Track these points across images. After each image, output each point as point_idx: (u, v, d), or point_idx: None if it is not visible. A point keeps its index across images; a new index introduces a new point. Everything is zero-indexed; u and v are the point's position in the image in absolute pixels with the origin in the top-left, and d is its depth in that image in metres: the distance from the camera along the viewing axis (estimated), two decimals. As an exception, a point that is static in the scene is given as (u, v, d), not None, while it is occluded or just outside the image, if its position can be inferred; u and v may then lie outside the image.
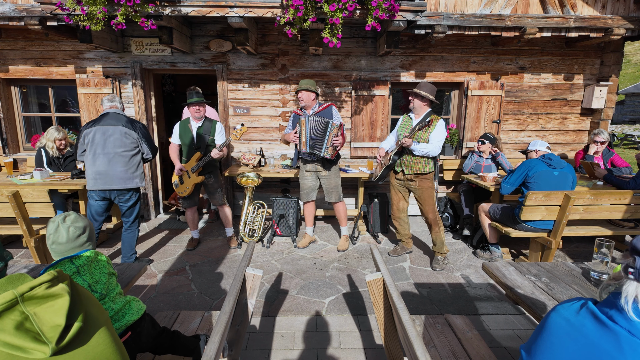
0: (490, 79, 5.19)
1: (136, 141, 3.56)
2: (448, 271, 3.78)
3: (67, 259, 1.61)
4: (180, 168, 4.03)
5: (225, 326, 1.35)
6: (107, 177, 3.47)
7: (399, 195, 3.91)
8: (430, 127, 3.57)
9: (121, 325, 1.63)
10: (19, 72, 5.03)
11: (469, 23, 4.45)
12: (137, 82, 4.99)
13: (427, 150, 3.53)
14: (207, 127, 4.02)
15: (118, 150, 3.47)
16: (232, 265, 3.91)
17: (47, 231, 1.63)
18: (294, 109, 4.19)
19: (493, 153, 4.55)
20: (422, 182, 3.70)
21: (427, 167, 3.65)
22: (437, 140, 3.56)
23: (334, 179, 4.11)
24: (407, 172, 3.72)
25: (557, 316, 0.99)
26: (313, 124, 3.79)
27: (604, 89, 5.05)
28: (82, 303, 0.99)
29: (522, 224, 3.57)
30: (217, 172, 4.19)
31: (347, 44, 5.00)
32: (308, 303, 3.16)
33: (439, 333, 2.05)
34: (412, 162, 3.66)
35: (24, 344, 0.83)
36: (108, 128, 3.45)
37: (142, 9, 3.72)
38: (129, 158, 3.53)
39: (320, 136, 3.80)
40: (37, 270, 2.08)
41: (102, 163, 3.45)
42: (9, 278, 0.93)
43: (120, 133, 3.46)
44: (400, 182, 3.85)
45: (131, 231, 3.72)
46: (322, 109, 3.92)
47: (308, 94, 3.84)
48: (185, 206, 4.22)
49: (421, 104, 3.60)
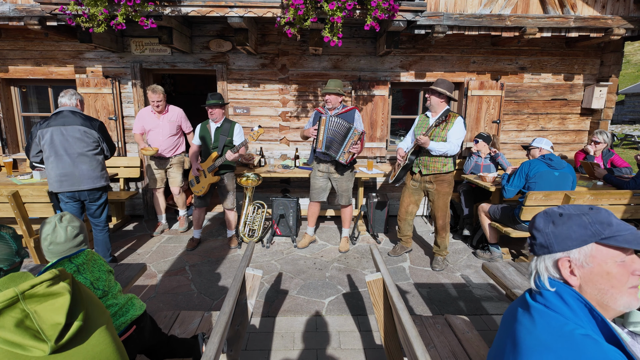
0: (490, 79, 5.19)
1: (97, 140, 3.43)
2: (448, 271, 3.78)
3: (65, 259, 1.61)
4: (197, 167, 4.08)
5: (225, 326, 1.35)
6: (74, 178, 3.34)
7: (412, 198, 3.80)
8: (448, 125, 3.46)
9: (126, 320, 1.66)
10: (18, 72, 5.03)
11: (468, 23, 4.45)
12: (137, 82, 4.99)
13: (445, 150, 3.40)
14: (226, 128, 4.02)
15: (81, 150, 3.34)
16: (231, 265, 3.91)
17: (43, 233, 1.61)
18: (317, 108, 4.14)
19: (492, 154, 4.54)
20: (440, 186, 3.59)
21: (445, 166, 3.53)
22: (456, 138, 3.42)
23: (345, 183, 4.06)
24: (424, 173, 3.61)
25: (506, 310, 1.10)
26: (333, 124, 3.73)
27: (603, 89, 5.06)
28: (83, 302, 0.99)
29: (522, 224, 3.57)
30: (232, 175, 4.19)
31: (347, 44, 5.00)
32: (308, 303, 3.16)
33: (438, 333, 2.05)
34: (430, 161, 3.55)
35: (23, 342, 0.83)
36: (66, 128, 3.29)
37: (142, 9, 3.72)
38: (92, 157, 3.42)
39: (338, 139, 3.74)
40: (37, 270, 2.08)
41: (66, 164, 3.31)
42: (11, 276, 0.93)
43: (80, 132, 3.32)
44: (416, 183, 3.73)
45: (105, 231, 3.64)
46: (346, 111, 3.87)
47: (336, 97, 3.79)
48: (196, 205, 4.27)
49: (438, 100, 3.49)
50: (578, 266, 0.95)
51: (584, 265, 0.94)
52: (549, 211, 1.03)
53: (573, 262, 0.95)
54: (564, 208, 1.01)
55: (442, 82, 3.48)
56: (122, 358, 1.07)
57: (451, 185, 3.66)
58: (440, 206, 3.66)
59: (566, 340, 0.84)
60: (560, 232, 0.97)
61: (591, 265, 0.93)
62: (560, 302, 0.94)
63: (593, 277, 0.94)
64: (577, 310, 0.91)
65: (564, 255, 0.96)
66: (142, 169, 5.17)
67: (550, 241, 0.98)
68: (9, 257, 1.35)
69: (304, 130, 4.07)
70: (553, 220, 0.99)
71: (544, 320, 0.92)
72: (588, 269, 0.94)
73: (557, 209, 1.01)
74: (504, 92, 5.20)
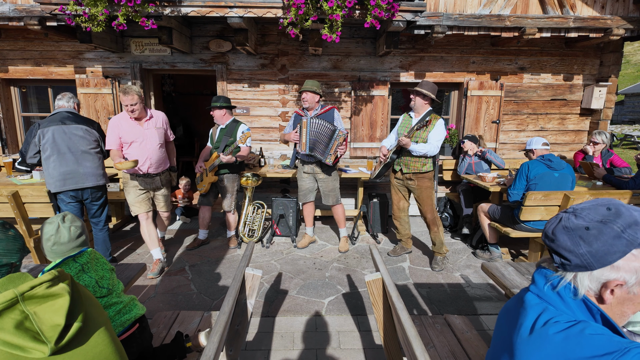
0: (489, 79, 5.20)
1: (98, 139, 3.46)
2: (447, 271, 3.78)
3: (69, 259, 1.61)
4: (200, 165, 4.11)
5: (225, 326, 1.35)
6: (78, 176, 3.33)
7: (399, 194, 3.90)
8: (429, 127, 3.55)
9: (130, 317, 1.69)
10: (18, 72, 5.03)
11: (468, 23, 4.45)
12: (137, 82, 4.99)
13: (425, 151, 3.51)
14: (231, 129, 4.02)
15: (84, 148, 3.35)
16: (231, 265, 3.91)
17: (45, 233, 1.61)
18: (296, 109, 4.17)
19: (479, 153, 4.62)
20: (421, 181, 3.68)
21: (425, 166, 3.63)
22: (436, 140, 3.53)
23: (331, 182, 4.08)
24: (405, 172, 3.71)
25: (502, 309, 1.10)
26: (315, 126, 3.77)
27: (603, 89, 5.06)
28: (83, 303, 0.99)
29: (521, 224, 3.57)
30: (231, 177, 4.14)
31: (346, 44, 5.00)
32: (307, 303, 3.16)
33: (438, 333, 2.05)
34: (411, 161, 3.64)
35: (23, 343, 0.83)
36: (68, 126, 3.30)
37: (143, 9, 3.72)
38: (94, 155, 3.43)
39: (322, 140, 3.79)
40: (38, 270, 2.08)
41: (69, 162, 3.29)
42: (10, 277, 0.94)
43: (82, 130, 3.34)
44: (399, 181, 3.84)
45: (105, 230, 3.63)
46: (324, 112, 3.90)
47: (312, 95, 3.81)
48: (200, 203, 4.28)
49: (422, 102, 3.57)
50: (625, 290, 0.88)
51: (635, 291, 0.87)
52: (571, 225, 0.92)
53: (625, 285, 0.87)
54: (584, 216, 0.91)
55: (426, 83, 3.55)
56: (122, 358, 1.07)
57: (431, 180, 3.74)
58: (425, 199, 3.71)
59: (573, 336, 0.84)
60: (597, 250, 0.87)
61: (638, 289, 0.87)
62: (559, 301, 0.92)
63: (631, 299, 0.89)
64: (574, 308, 0.90)
65: (616, 277, 0.87)
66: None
67: (588, 261, 0.88)
68: (19, 251, 1.36)
69: (285, 135, 4.08)
70: (581, 236, 0.89)
71: (534, 310, 0.92)
72: (632, 295, 0.88)
73: (578, 221, 0.91)
74: (504, 93, 5.21)
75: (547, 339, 0.86)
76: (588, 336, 0.81)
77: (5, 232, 1.32)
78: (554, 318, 0.89)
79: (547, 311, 0.91)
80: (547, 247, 0.98)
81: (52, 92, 5.31)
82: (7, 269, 1.31)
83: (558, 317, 0.89)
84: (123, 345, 1.31)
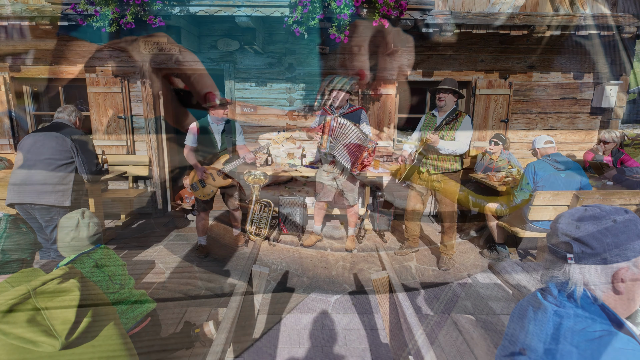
0: (498, 77, 5.15)
1: (69, 151, 3.01)
2: (454, 271, 3.77)
3: (84, 254, 1.64)
4: (204, 170, 3.80)
5: (232, 323, 1.36)
6: (21, 189, 2.86)
7: (418, 198, 3.79)
8: (456, 123, 3.46)
9: (143, 311, 1.72)
10: (30, 71, 5.11)
11: (477, 21, 4.42)
12: (146, 81, 5.03)
13: (454, 148, 3.40)
14: (228, 127, 3.95)
15: (41, 157, 2.92)
16: (238, 262, 3.93)
17: (65, 228, 1.63)
18: (323, 107, 4.08)
19: (505, 154, 4.56)
20: (448, 185, 3.56)
21: (454, 165, 3.53)
22: (465, 136, 3.43)
23: (350, 184, 4.05)
24: (432, 172, 3.60)
25: (515, 308, 1.12)
26: (339, 126, 3.66)
27: (614, 87, 4.99)
28: (93, 299, 1.01)
29: (529, 223, 3.54)
30: (236, 174, 4.15)
31: (354, 43, 4.99)
32: (314, 301, 3.17)
33: (444, 332, 2.05)
34: (438, 160, 3.55)
35: (34, 338, 0.85)
36: (43, 134, 3.00)
37: (151, 8, 3.76)
38: (54, 167, 2.95)
39: (342, 141, 3.68)
40: (49, 266, 2.12)
41: (23, 172, 2.90)
42: (23, 273, 0.96)
43: (51, 138, 2.97)
44: (423, 182, 3.71)
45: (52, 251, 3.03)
46: (352, 111, 3.84)
47: (344, 94, 3.75)
48: (202, 209, 3.99)
49: (453, 99, 3.50)
50: (630, 273, 0.93)
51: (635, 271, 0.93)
52: (597, 214, 0.98)
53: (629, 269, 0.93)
54: (608, 211, 0.97)
55: (450, 80, 3.50)
56: (130, 353, 1.09)
57: (458, 184, 3.64)
58: (448, 205, 3.63)
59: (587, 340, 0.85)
60: (621, 242, 0.93)
61: None
62: (573, 303, 0.94)
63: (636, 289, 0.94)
64: (590, 310, 0.92)
65: (627, 265, 0.93)
66: (151, 167, 5.21)
67: (611, 251, 0.93)
68: (30, 247, 1.39)
69: (309, 130, 4.07)
70: (607, 228, 0.95)
71: (549, 318, 0.93)
72: None
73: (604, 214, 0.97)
74: (512, 91, 5.16)
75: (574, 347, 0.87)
76: (618, 350, 0.84)
77: (16, 227, 1.35)
78: (578, 325, 0.90)
79: (568, 317, 0.93)
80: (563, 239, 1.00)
81: (62, 91, 5.38)
82: (18, 264, 1.34)
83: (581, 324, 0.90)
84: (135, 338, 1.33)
